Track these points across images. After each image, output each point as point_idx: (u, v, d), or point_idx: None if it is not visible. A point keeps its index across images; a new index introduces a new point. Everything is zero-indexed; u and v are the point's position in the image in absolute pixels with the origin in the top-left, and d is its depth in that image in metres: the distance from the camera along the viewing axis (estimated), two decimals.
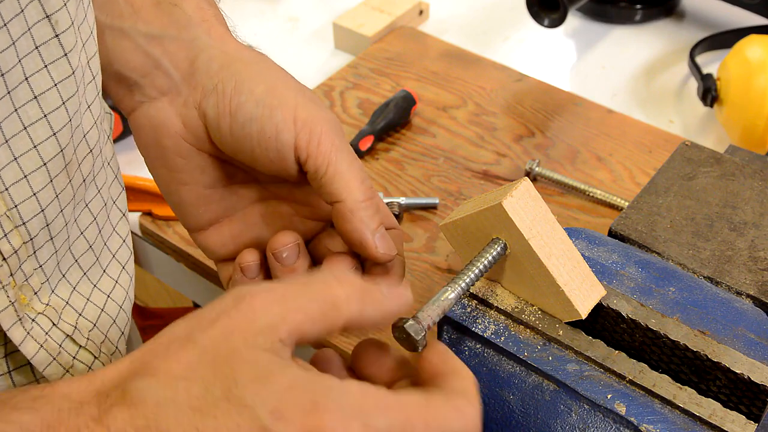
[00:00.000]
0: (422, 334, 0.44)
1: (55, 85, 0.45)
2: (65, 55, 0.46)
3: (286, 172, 0.51)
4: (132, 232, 0.84)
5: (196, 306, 1.24)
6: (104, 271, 0.56)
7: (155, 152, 0.54)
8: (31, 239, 0.47)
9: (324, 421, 0.35)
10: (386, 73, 0.99)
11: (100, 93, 0.52)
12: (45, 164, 0.46)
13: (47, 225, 0.48)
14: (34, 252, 0.48)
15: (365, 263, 0.52)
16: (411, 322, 0.44)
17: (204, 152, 0.53)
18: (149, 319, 1.37)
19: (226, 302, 0.39)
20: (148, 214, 0.82)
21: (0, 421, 0.35)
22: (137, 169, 0.89)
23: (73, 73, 0.47)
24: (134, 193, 0.81)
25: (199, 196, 0.55)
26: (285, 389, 0.35)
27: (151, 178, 0.57)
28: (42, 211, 0.47)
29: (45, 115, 0.45)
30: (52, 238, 0.49)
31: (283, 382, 0.36)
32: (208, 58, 0.52)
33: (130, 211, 0.82)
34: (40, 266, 0.49)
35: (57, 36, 0.45)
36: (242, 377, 0.36)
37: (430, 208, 0.82)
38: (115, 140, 0.90)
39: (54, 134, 0.46)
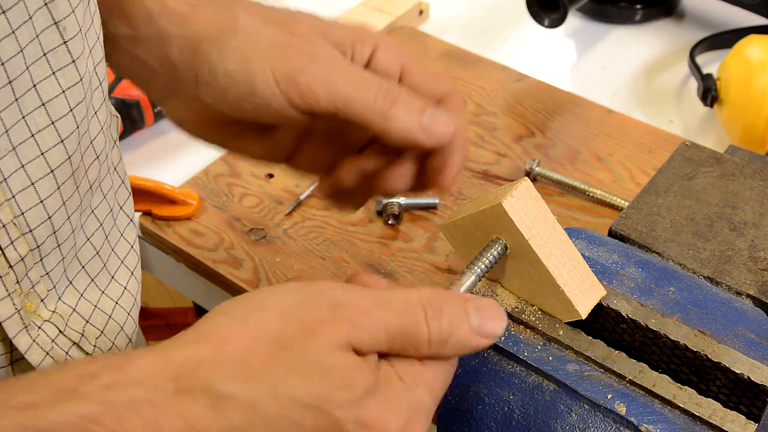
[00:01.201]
0: None
1: (63, 92, 0.45)
2: (73, 61, 0.45)
3: (309, 120, 0.50)
4: None
5: (197, 306, 1.24)
6: (113, 277, 0.55)
7: (198, 136, 0.55)
8: (38, 246, 0.47)
9: (400, 424, 0.38)
10: None
11: (107, 98, 0.52)
12: (52, 171, 0.46)
13: (54, 232, 0.47)
14: (41, 259, 0.47)
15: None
16: None
17: (236, 125, 0.53)
18: (149, 319, 1.37)
19: (320, 309, 0.39)
20: (148, 214, 0.82)
21: (69, 413, 0.34)
22: (137, 169, 0.89)
23: (81, 79, 0.46)
24: (134, 193, 0.81)
25: (260, 150, 0.55)
26: (366, 396, 0.38)
27: (151, 178, 0.57)
28: (49, 218, 0.46)
29: (53, 122, 0.45)
30: (59, 245, 0.48)
31: (364, 389, 0.38)
32: (179, 51, 0.51)
33: None
34: (47, 273, 0.48)
35: (65, 42, 0.44)
36: (330, 386, 0.37)
37: (430, 208, 0.82)
38: None
39: (61, 141, 0.46)
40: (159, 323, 1.36)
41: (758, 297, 0.53)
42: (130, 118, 0.89)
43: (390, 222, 0.80)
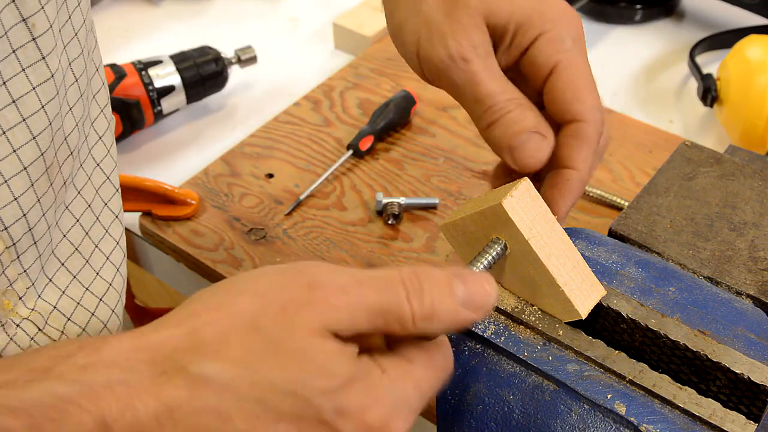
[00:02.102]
0: None
1: (34, 88, 0.45)
2: (43, 58, 0.45)
3: None
4: (132, 232, 0.85)
5: None
6: (97, 274, 0.55)
7: None
8: (14, 244, 0.46)
9: (380, 415, 0.37)
10: (386, 73, 0.99)
11: (84, 94, 0.52)
12: (25, 168, 0.46)
13: (30, 229, 0.47)
14: (18, 257, 0.47)
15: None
16: None
17: None
18: (149, 319, 1.36)
19: (297, 289, 0.38)
20: (148, 214, 0.82)
21: (44, 393, 0.34)
22: (137, 169, 0.89)
23: (53, 76, 0.46)
24: (134, 193, 0.81)
25: None
26: (345, 384, 0.37)
27: (151, 178, 0.57)
28: (24, 215, 0.46)
29: (24, 119, 0.45)
30: (35, 243, 0.48)
31: (342, 377, 0.37)
32: None
33: (130, 211, 0.82)
34: (25, 271, 0.48)
35: (34, 39, 0.44)
36: (307, 372, 0.36)
37: (430, 208, 0.82)
38: (116, 140, 0.90)
39: (34, 138, 0.46)
40: None
41: (758, 297, 0.53)
42: (130, 118, 0.89)
43: (390, 222, 0.80)
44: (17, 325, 0.48)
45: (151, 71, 0.90)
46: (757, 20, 1.03)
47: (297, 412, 0.36)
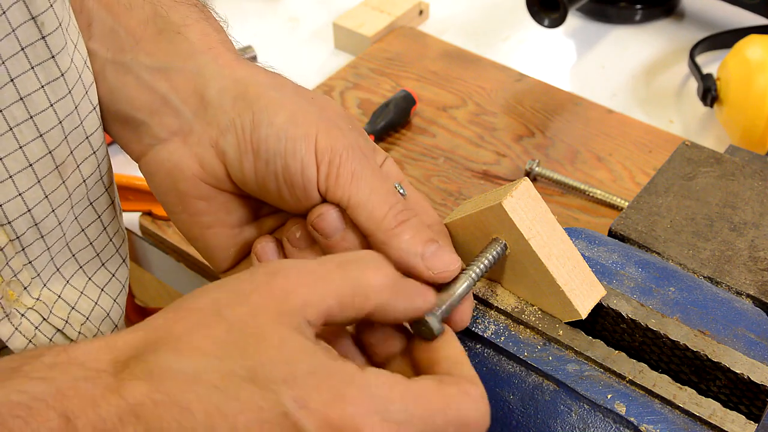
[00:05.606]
0: (440, 325, 0.43)
1: (42, 86, 0.45)
2: (53, 57, 0.45)
3: (308, 206, 0.47)
4: (132, 232, 0.85)
5: None
6: (103, 264, 0.55)
7: (173, 198, 0.50)
8: (18, 237, 0.47)
9: (346, 413, 0.35)
10: (386, 73, 0.99)
11: None
12: (31, 165, 0.46)
13: (36, 224, 0.47)
14: (23, 249, 0.48)
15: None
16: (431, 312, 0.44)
17: (227, 192, 0.49)
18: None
19: (257, 277, 0.38)
20: (148, 214, 0.82)
21: (11, 391, 0.34)
22: (137, 169, 0.89)
23: (63, 75, 0.46)
24: (134, 193, 0.81)
25: (227, 237, 0.51)
26: (309, 375, 0.35)
27: None
28: (29, 210, 0.47)
29: (31, 117, 0.45)
30: (42, 237, 0.48)
31: (308, 368, 0.35)
32: (220, 90, 0.48)
33: (130, 211, 0.82)
34: (30, 262, 0.49)
35: (44, 38, 0.44)
36: (268, 360, 0.35)
37: None
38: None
39: (41, 135, 0.46)
40: None
41: (758, 297, 0.53)
42: None
43: None
44: (22, 315, 0.49)
45: None
46: (757, 20, 1.03)
47: (257, 402, 0.34)
